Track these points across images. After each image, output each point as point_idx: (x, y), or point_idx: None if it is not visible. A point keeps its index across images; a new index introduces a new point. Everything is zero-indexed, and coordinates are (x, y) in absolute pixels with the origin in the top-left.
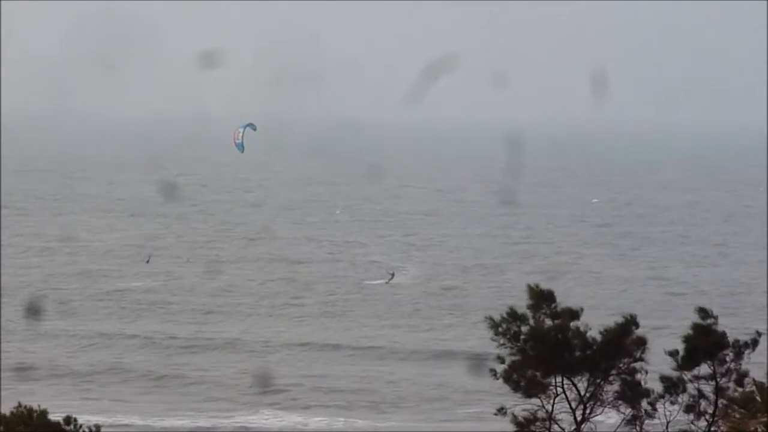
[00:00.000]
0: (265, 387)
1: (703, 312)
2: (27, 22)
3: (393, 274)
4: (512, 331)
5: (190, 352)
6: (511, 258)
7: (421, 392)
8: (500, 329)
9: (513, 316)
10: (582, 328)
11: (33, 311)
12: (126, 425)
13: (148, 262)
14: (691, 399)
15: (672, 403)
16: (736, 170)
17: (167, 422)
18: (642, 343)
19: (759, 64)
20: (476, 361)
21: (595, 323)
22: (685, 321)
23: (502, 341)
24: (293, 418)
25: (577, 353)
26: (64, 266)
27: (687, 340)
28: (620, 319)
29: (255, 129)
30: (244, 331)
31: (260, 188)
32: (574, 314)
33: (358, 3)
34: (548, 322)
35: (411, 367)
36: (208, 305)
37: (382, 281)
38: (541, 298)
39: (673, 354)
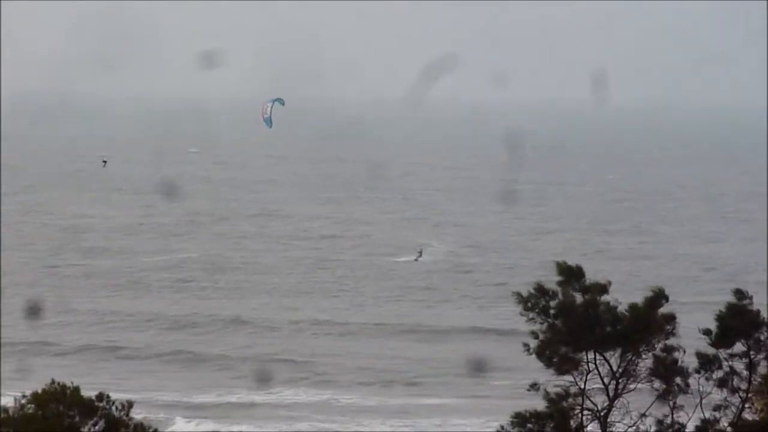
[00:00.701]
0: (294, 364)
1: (739, 293)
2: (27, 22)
3: (421, 252)
4: (541, 305)
5: (213, 330)
6: (529, 236)
7: (443, 369)
8: (529, 304)
9: (541, 291)
10: (612, 303)
11: (33, 311)
12: (156, 401)
13: (104, 164)
14: (724, 374)
15: (706, 379)
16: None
17: (200, 399)
18: (671, 318)
19: (759, 64)
20: (501, 337)
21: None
22: (702, 297)
23: (531, 316)
24: (325, 395)
25: (608, 328)
26: (78, 243)
27: (720, 319)
28: (647, 294)
29: (283, 104)
30: (264, 308)
31: (275, 166)
32: (603, 289)
33: (359, 3)
34: (577, 297)
35: (432, 343)
36: (229, 283)
37: (410, 259)
38: (570, 273)
39: (707, 333)
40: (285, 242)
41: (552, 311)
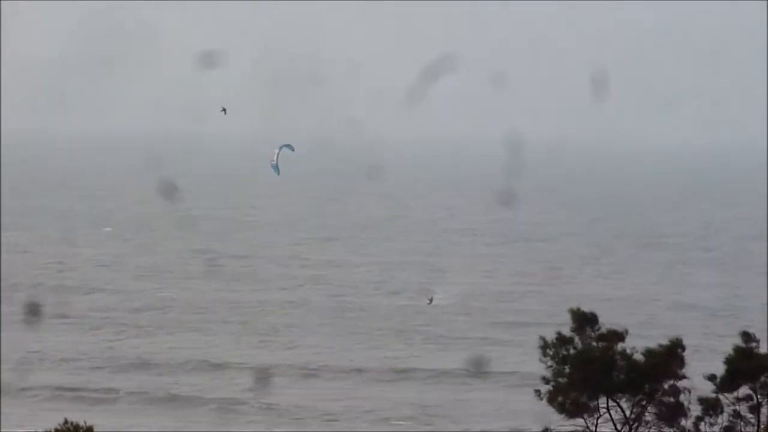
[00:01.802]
0: (299, 406)
1: (746, 336)
2: (27, 23)
3: (432, 299)
4: (560, 355)
5: (201, 370)
6: (526, 277)
7: (450, 411)
8: (549, 351)
9: (562, 340)
10: (628, 351)
11: (32, 311)
12: None
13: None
14: (729, 419)
15: (711, 424)
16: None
17: None
18: (681, 361)
19: (760, 65)
20: (515, 379)
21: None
22: (698, 338)
23: (549, 363)
24: None
25: (622, 376)
26: (56, 281)
27: (729, 362)
28: (660, 342)
29: (293, 150)
30: (261, 350)
31: (268, 206)
32: (620, 336)
33: (359, 3)
34: (594, 344)
35: (439, 385)
36: (223, 322)
37: (421, 303)
38: (584, 320)
39: (712, 378)
40: (279, 283)
41: (571, 361)
